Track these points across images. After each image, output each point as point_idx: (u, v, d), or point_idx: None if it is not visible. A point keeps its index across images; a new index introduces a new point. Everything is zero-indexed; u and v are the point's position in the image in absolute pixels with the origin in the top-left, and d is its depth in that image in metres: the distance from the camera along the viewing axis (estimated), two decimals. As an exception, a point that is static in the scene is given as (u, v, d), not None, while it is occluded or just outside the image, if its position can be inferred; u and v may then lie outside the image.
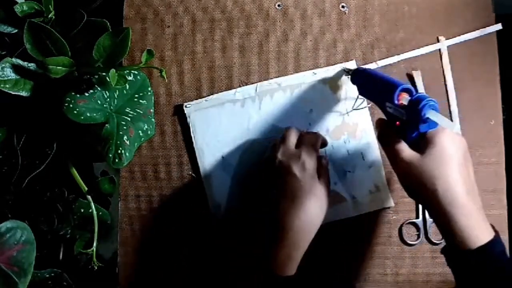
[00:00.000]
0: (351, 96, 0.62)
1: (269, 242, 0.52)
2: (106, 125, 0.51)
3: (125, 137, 0.52)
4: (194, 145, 0.61)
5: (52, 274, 0.56)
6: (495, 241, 0.46)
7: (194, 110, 0.62)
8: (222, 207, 0.61)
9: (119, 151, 0.51)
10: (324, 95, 0.63)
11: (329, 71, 0.63)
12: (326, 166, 0.56)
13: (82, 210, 0.60)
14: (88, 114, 0.50)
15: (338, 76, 0.63)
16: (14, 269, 0.45)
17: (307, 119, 0.62)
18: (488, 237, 0.45)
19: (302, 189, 0.51)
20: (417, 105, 0.47)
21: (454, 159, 0.47)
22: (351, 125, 0.62)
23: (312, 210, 0.51)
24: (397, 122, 0.50)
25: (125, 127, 0.52)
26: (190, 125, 0.62)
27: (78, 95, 0.51)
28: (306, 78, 0.63)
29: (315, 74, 0.63)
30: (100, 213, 0.59)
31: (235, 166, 0.61)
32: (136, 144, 0.53)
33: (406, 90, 0.50)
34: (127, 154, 0.52)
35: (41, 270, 0.55)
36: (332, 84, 0.63)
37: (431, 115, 0.47)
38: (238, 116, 0.62)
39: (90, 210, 0.57)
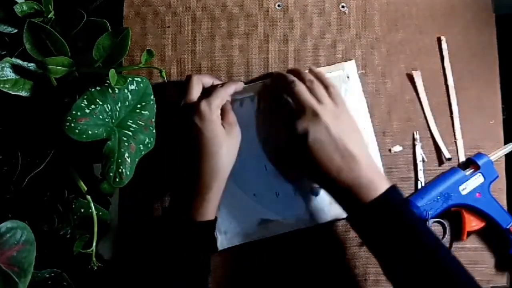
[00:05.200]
0: (350, 95, 0.62)
1: (184, 192, 0.55)
2: (108, 142, 0.50)
3: (126, 154, 0.51)
4: None
5: (52, 274, 0.56)
6: (391, 190, 0.51)
7: None
8: (221, 207, 0.61)
9: (120, 170, 0.50)
10: None
11: (329, 71, 0.63)
12: (229, 109, 0.58)
13: (82, 210, 0.60)
14: (90, 132, 0.50)
15: (337, 75, 0.63)
16: (14, 269, 0.45)
17: None
18: (383, 186, 0.51)
19: (204, 136, 0.54)
20: None
21: (310, 150, 0.53)
22: None
23: (218, 154, 0.54)
24: None
25: (126, 143, 0.52)
26: None
27: (79, 113, 0.50)
28: None
29: None
30: (100, 213, 0.59)
31: (233, 165, 0.61)
32: (136, 160, 0.53)
33: None
34: (127, 172, 0.51)
35: (41, 270, 0.55)
36: None
37: None
38: (236, 115, 0.62)
39: (90, 210, 0.57)
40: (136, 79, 0.55)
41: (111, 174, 0.50)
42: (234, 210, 0.61)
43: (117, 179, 0.51)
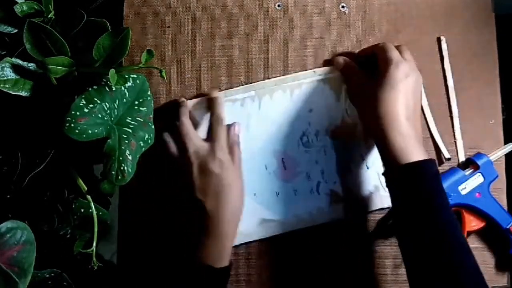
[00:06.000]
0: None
1: (201, 238, 0.55)
2: (108, 140, 0.50)
3: (127, 152, 0.51)
4: None
5: (52, 274, 0.56)
6: (428, 162, 0.52)
7: (193, 110, 0.62)
8: None
9: (122, 168, 0.50)
10: (324, 95, 0.63)
11: (329, 71, 0.63)
12: (238, 153, 0.59)
13: (82, 210, 0.60)
14: (90, 131, 0.49)
15: (338, 75, 0.63)
16: (14, 269, 0.45)
17: (307, 118, 0.62)
18: (421, 158, 0.52)
19: (222, 184, 0.55)
20: None
21: (400, 88, 0.54)
22: (351, 125, 0.62)
23: (236, 199, 0.56)
24: None
25: (126, 141, 0.52)
26: None
27: (78, 113, 0.50)
28: (306, 78, 0.63)
29: (315, 73, 0.63)
30: (100, 213, 0.59)
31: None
32: (137, 156, 0.53)
33: None
34: (129, 169, 0.51)
35: (41, 270, 0.55)
36: (332, 83, 0.63)
37: None
38: (237, 115, 0.62)
39: (90, 210, 0.57)
40: (132, 76, 0.55)
41: (113, 172, 0.50)
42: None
43: (119, 177, 0.51)
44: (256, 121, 0.62)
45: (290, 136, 0.62)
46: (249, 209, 0.61)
